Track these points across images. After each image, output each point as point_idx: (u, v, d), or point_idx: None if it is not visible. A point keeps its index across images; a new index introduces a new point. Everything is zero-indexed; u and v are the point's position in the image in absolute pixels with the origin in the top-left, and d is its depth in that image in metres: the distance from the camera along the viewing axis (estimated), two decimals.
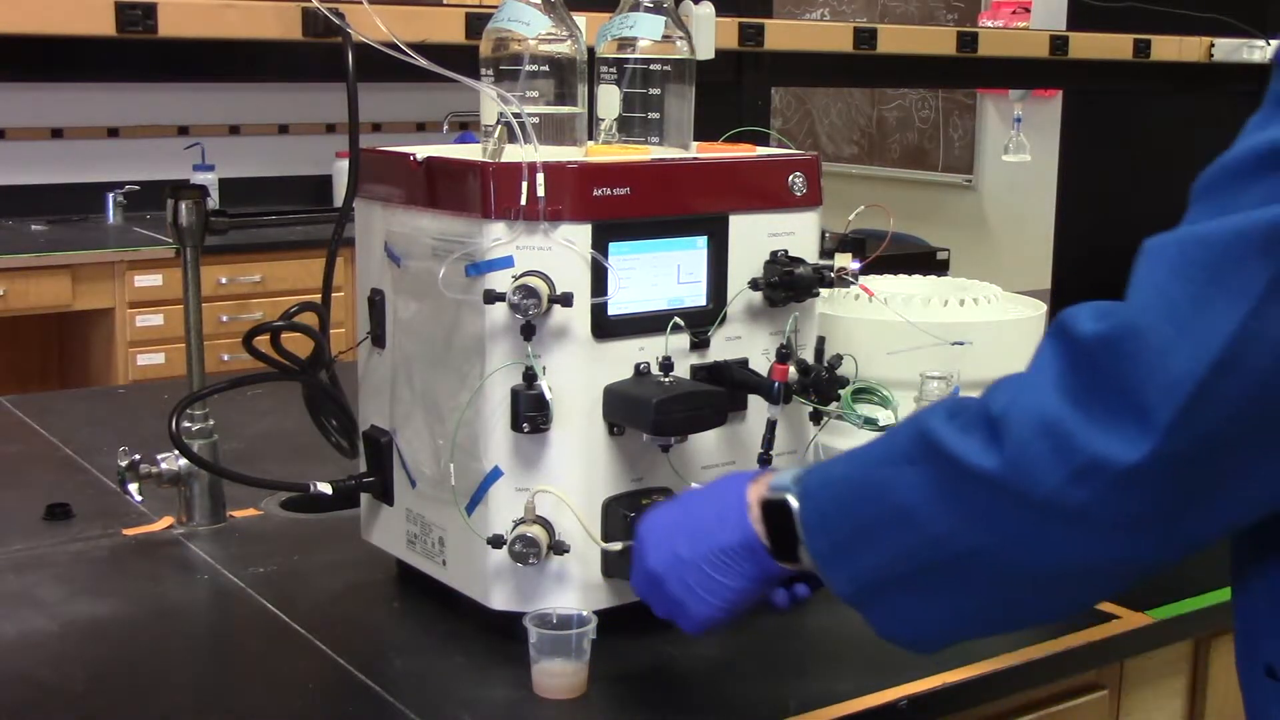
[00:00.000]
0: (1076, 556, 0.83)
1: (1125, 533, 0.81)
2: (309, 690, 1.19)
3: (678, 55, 1.29)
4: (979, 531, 0.85)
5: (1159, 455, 0.76)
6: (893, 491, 0.90)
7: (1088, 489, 0.79)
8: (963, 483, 0.86)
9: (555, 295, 1.15)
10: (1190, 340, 0.75)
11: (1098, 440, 0.78)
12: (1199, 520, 0.81)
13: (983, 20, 4.92)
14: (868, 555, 0.92)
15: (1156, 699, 1.42)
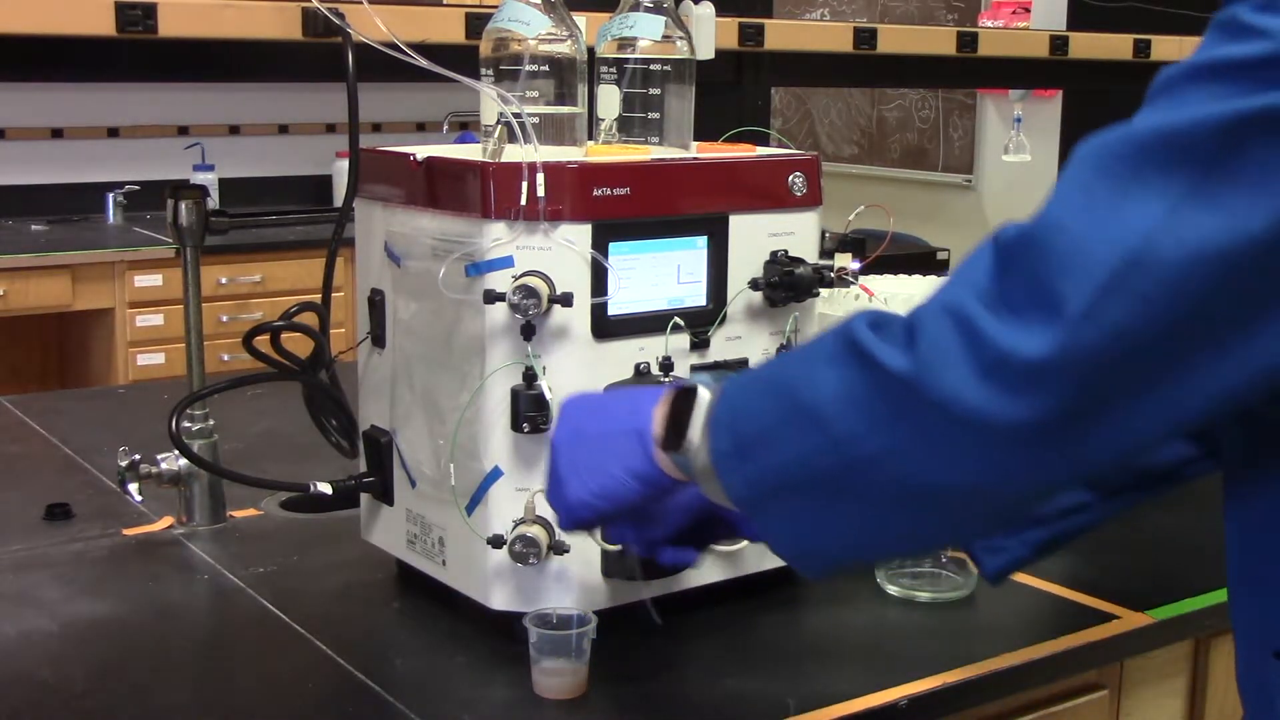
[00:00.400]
0: (977, 468, 0.81)
1: (1028, 443, 0.79)
2: (309, 690, 1.19)
3: (678, 55, 1.29)
4: (883, 434, 0.83)
5: (1066, 349, 0.75)
6: (805, 390, 0.88)
7: (993, 386, 0.78)
8: (872, 382, 0.84)
9: (555, 295, 1.15)
10: (1106, 234, 0.75)
11: (1006, 334, 0.77)
12: (1104, 434, 0.79)
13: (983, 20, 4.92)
14: (770, 455, 0.89)
15: (1156, 699, 1.42)
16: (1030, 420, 0.77)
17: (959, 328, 0.80)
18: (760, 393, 0.92)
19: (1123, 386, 0.77)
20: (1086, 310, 0.75)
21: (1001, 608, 1.37)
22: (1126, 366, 0.76)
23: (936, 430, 0.81)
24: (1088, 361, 0.76)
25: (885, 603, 1.37)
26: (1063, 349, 0.75)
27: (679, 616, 1.28)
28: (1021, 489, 0.83)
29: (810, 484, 0.88)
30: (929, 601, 1.37)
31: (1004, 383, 0.77)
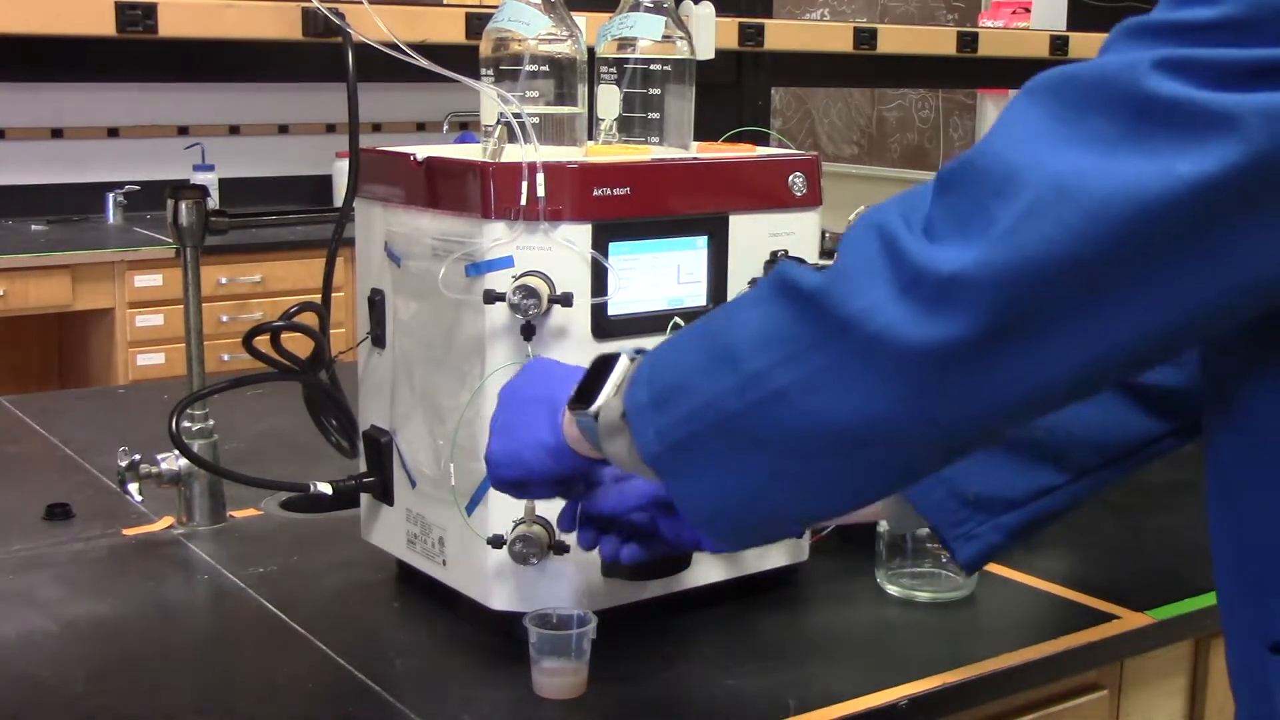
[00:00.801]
0: (888, 398, 0.78)
1: (940, 366, 0.76)
2: (309, 690, 1.19)
3: (678, 55, 1.29)
4: (792, 365, 0.80)
5: (980, 265, 0.74)
6: (726, 334, 0.85)
7: (908, 304, 0.76)
8: (786, 307, 0.82)
9: (555, 295, 1.15)
10: (1040, 163, 0.75)
11: (927, 251, 0.77)
12: (1019, 364, 0.77)
13: (983, 20, 4.92)
14: (681, 404, 0.86)
15: (1156, 699, 1.42)
16: (942, 339, 0.76)
17: (881, 242, 0.79)
18: (684, 345, 0.90)
19: (1037, 312, 0.76)
20: (1006, 230, 0.75)
21: (1001, 608, 1.37)
22: (1042, 291, 0.75)
23: (846, 353, 0.79)
24: (1002, 280, 0.75)
25: (885, 603, 1.37)
26: (977, 265, 0.75)
27: (679, 616, 1.28)
28: (934, 426, 0.80)
29: (718, 430, 0.84)
30: (929, 601, 1.37)
31: (919, 300, 0.76)
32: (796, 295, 0.82)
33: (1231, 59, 0.73)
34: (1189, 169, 0.73)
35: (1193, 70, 0.74)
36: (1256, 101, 0.72)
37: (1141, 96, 0.74)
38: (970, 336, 0.76)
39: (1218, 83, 0.73)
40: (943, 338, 0.76)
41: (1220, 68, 0.73)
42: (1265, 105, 0.72)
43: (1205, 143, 0.73)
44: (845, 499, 0.88)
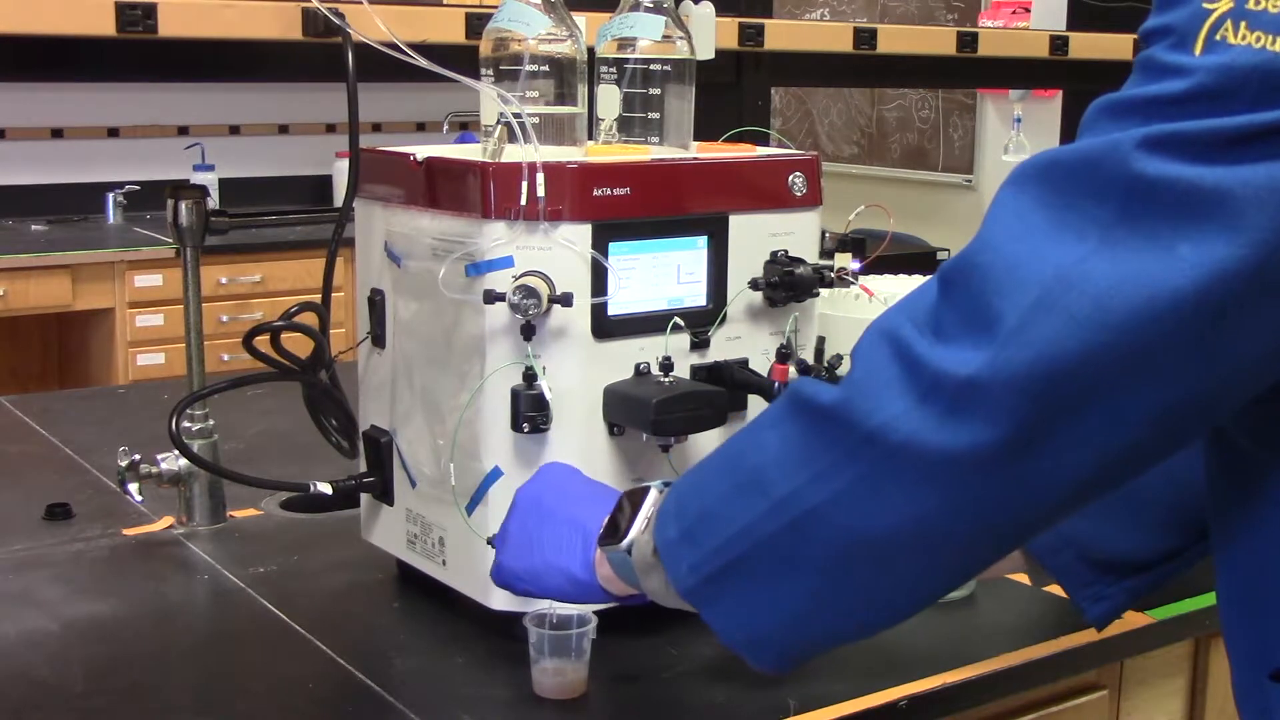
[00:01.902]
0: (924, 506, 0.78)
1: (973, 471, 0.76)
2: (309, 690, 1.19)
3: (678, 55, 1.29)
4: (824, 482, 0.80)
5: (997, 366, 0.74)
6: (750, 457, 0.85)
7: (930, 411, 0.76)
8: (808, 425, 0.82)
9: (555, 295, 1.15)
10: (1039, 255, 0.75)
11: (940, 354, 0.76)
12: (1052, 460, 0.76)
13: (983, 20, 4.92)
14: (716, 533, 0.86)
15: (1156, 699, 1.42)
16: (967, 446, 0.76)
17: (894, 350, 0.79)
18: (708, 475, 0.90)
19: (1058, 408, 0.75)
20: (1015, 328, 0.75)
21: (1001, 608, 1.37)
22: (1060, 388, 0.75)
23: (875, 466, 0.79)
24: (1018, 382, 0.75)
25: None
26: (991, 367, 0.75)
27: (679, 615, 1.28)
28: (974, 529, 0.80)
29: (756, 556, 0.84)
30: None
31: (939, 406, 0.76)
32: (816, 412, 0.82)
33: (1212, 130, 0.72)
34: (1191, 253, 0.72)
35: (1176, 146, 0.73)
36: (1246, 175, 0.72)
37: (1129, 177, 0.74)
38: (995, 441, 0.76)
39: (1203, 156, 0.72)
40: (968, 444, 0.76)
41: (1203, 140, 0.72)
42: (1255, 179, 0.72)
43: (1203, 225, 0.72)
44: (895, 608, 0.87)
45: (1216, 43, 0.73)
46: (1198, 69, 0.73)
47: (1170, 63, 0.75)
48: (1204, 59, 0.73)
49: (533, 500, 1.05)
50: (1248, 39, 0.72)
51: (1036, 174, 0.78)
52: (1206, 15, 0.74)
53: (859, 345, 0.82)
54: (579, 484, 1.07)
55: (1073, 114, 2.69)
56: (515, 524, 1.05)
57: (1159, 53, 0.76)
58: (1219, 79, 0.73)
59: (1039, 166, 0.78)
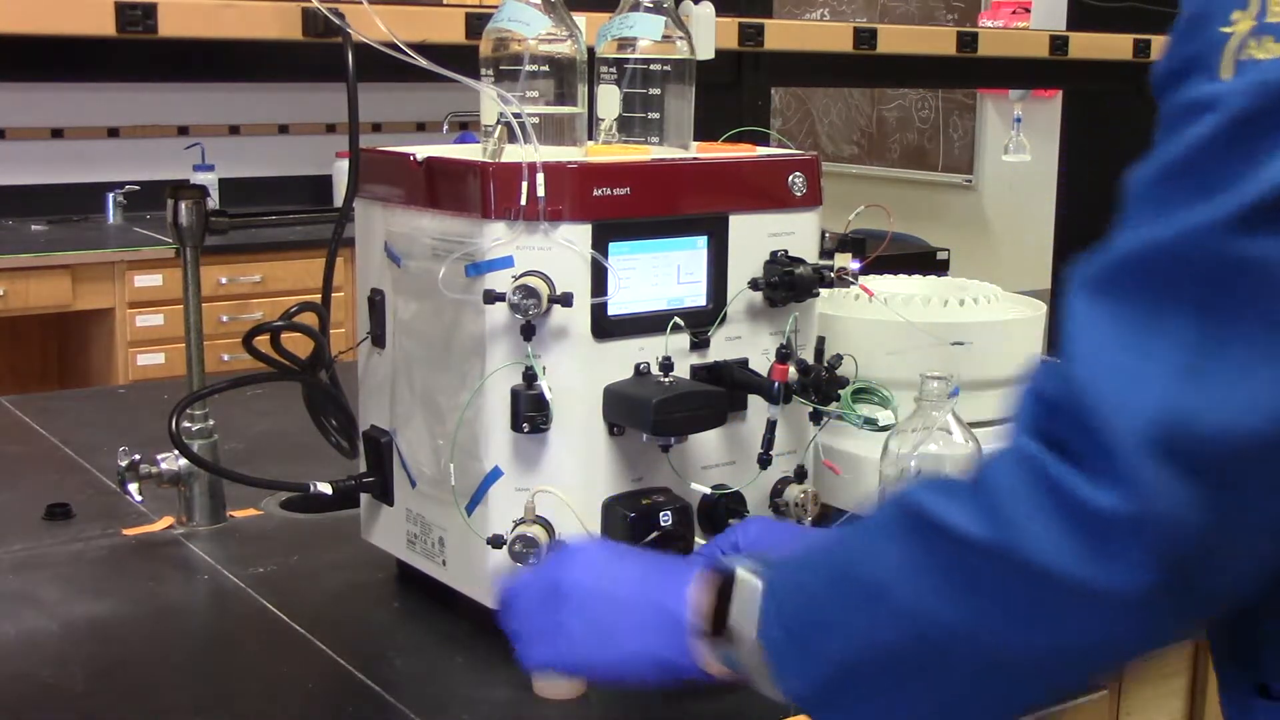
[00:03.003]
0: (1079, 631, 0.75)
1: (1135, 607, 0.73)
2: (309, 690, 1.20)
3: (678, 55, 1.29)
4: (961, 605, 0.77)
5: (1136, 508, 0.71)
6: (865, 567, 0.82)
7: (1085, 545, 0.72)
8: (945, 550, 0.78)
9: (555, 295, 1.15)
10: (1132, 407, 0.71)
11: (1079, 482, 0.72)
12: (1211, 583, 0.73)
13: (983, 20, 4.93)
14: (831, 642, 0.82)
15: (1156, 699, 1.42)
16: (1124, 585, 0.72)
17: (1032, 475, 0.74)
18: (813, 577, 0.86)
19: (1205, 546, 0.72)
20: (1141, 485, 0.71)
21: None
22: (1200, 531, 0.71)
23: (1028, 596, 0.75)
24: (1163, 528, 0.71)
25: None
26: (1133, 507, 0.71)
27: None
28: (1127, 651, 0.78)
29: (879, 667, 0.81)
30: None
31: (1091, 540, 0.72)
32: (949, 537, 0.78)
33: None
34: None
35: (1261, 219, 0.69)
36: None
37: (1208, 267, 0.70)
38: (1148, 582, 0.72)
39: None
40: (1123, 583, 0.72)
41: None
42: None
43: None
44: (1027, 711, 0.84)
45: (1244, 63, 0.70)
46: (1232, 93, 0.70)
47: (1197, 98, 0.72)
48: (1236, 82, 0.70)
49: (589, 586, 0.98)
50: (1274, 51, 0.70)
51: (1105, 282, 0.74)
52: (1227, 39, 0.71)
53: (989, 468, 0.78)
54: (627, 562, 1.00)
55: (1073, 114, 2.69)
56: (584, 614, 0.96)
57: (1186, 92, 0.73)
58: (1256, 99, 0.70)
59: (1107, 273, 0.74)
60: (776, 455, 1.28)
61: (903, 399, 1.30)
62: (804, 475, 1.34)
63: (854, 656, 0.82)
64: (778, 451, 1.28)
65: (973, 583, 0.77)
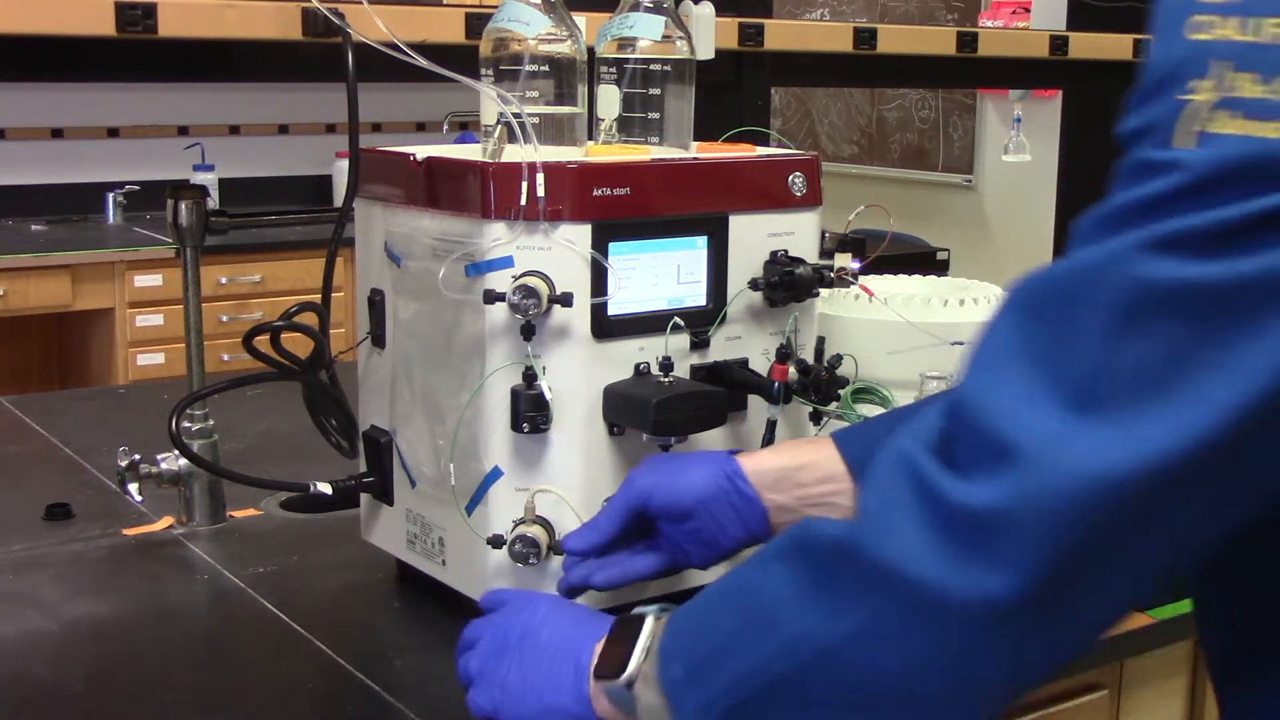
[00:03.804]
0: (937, 646, 0.74)
1: (988, 626, 0.72)
2: (309, 690, 1.20)
3: (678, 55, 1.29)
4: (836, 620, 0.76)
5: (1020, 492, 0.70)
6: (758, 593, 0.82)
7: (943, 551, 0.72)
8: (816, 561, 0.78)
9: (555, 295, 1.15)
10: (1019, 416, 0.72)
11: (957, 487, 0.72)
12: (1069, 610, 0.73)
13: (983, 20, 4.93)
14: (724, 672, 0.82)
15: (1156, 699, 1.42)
16: (991, 590, 0.71)
17: (910, 478, 0.75)
18: (712, 608, 0.86)
19: (1078, 559, 0.71)
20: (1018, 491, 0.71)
21: None
22: (1076, 543, 0.71)
23: (892, 603, 0.74)
24: (1039, 529, 0.71)
25: None
26: (1009, 506, 0.71)
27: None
28: (988, 678, 0.76)
29: (769, 696, 0.80)
30: None
31: (957, 544, 0.72)
32: (827, 548, 0.78)
33: (1216, 222, 0.69)
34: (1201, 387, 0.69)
35: (1183, 244, 0.69)
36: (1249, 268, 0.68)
37: (1135, 284, 0.70)
38: (1015, 588, 0.71)
39: (1208, 252, 0.69)
40: (989, 589, 0.72)
41: (1208, 234, 0.69)
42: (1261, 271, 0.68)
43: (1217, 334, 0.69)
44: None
45: (1202, 134, 0.70)
46: (1188, 163, 0.70)
47: (1156, 160, 0.72)
48: (1192, 152, 0.70)
49: (525, 628, 1.00)
50: (1231, 127, 0.70)
51: (1027, 301, 0.75)
52: (1186, 108, 0.71)
53: (874, 471, 0.78)
54: (564, 616, 1.01)
55: (1073, 114, 2.69)
56: (515, 660, 0.99)
57: (1143, 152, 0.73)
58: (1211, 171, 0.70)
59: (1032, 291, 0.75)
60: None
61: (903, 399, 1.30)
62: None
63: (747, 686, 0.81)
64: None
65: (842, 593, 0.77)
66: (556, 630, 1.00)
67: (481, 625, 1.07)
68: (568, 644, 0.97)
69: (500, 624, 1.04)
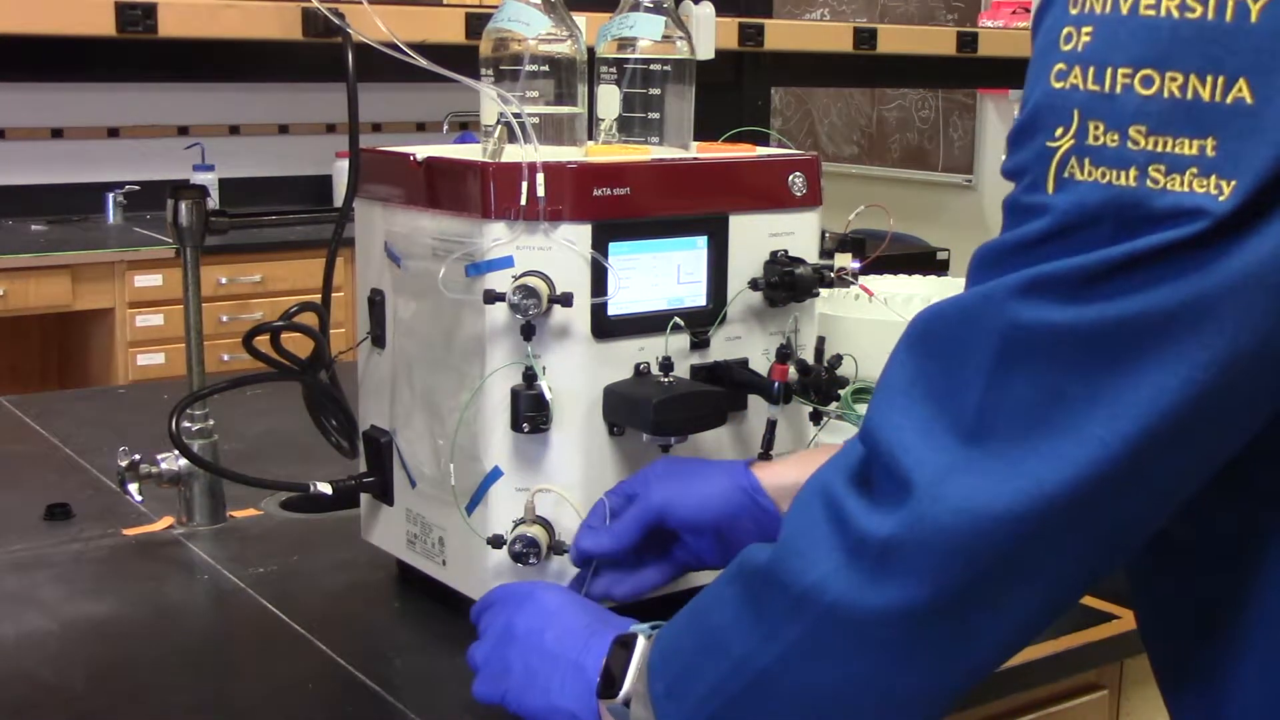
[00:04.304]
0: (861, 663, 0.79)
1: (901, 638, 0.77)
2: (309, 690, 1.19)
3: (678, 55, 1.29)
4: (767, 643, 0.82)
5: (912, 523, 0.75)
6: (713, 614, 0.87)
7: (855, 569, 0.77)
8: (750, 587, 0.83)
9: (555, 295, 1.15)
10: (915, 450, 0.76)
11: (864, 512, 0.77)
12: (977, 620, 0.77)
13: (983, 20, 4.93)
14: (693, 691, 0.87)
15: (1156, 699, 1.42)
16: (898, 604, 0.76)
17: (825, 506, 0.80)
18: (681, 629, 0.92)
19: (981, 571, 0.75)
20: (913, 516, 0.75)
21: None
22: (977, 556, 0.75)
23: (813, 625, 0.79)
24: (939, 541, 0.75)
25: None
26: (909, 523, 0.75)
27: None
28: (923, 679, 0.80)
29: (731, 712, 0.85)
30: None
31: (864, 565, 0.77)
32: (755, 573, 0.83)
33: (1078, 267, 0.72)
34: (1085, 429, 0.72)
35: (1050, 287, 0.72)
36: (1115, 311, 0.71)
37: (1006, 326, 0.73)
38: (920, 601, 0.76)
39: (1076, 296, 0.72)
40: (895, 603, 0.76)
41: (1073, 279, 0.72)
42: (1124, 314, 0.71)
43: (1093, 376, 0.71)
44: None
45: (1065, 180, 0.73)
46: (1054, 207, 0.73)
47: (1029, 203, 0.75)
48: (1056, 197, 0.73)
49: (526, 630, 1.04)
50: (1093, 175, 0.72)
51: (920, 336, 0.79)
52: (1052, 154, 0.73)
53: (795, 500, 0.84)
54: (571, 616, 1.05)
55: None
56: (518, 654, 1.03)
57: (1019, 195, 0.76)
58: (1072, 217, 0.72)
59: (923, 326, 0.79)
60: (777, 455, 1.28)
61: None
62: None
63: (711, 705, 0.86)
64: (778, 451, 1.28)
65: (771, 618, 0.82)
66: (564, 629, 1.03)
67: (487, 614, 1.10)
68: (573, 647, 1.01)
69: (505, 616, 1.07)
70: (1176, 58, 0.70)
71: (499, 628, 1.07)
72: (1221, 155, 0.69)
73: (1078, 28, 0.73)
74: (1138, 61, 0.71)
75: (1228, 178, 0.69)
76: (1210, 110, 0.69)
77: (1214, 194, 0.69)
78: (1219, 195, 0.69)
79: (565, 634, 1.02)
